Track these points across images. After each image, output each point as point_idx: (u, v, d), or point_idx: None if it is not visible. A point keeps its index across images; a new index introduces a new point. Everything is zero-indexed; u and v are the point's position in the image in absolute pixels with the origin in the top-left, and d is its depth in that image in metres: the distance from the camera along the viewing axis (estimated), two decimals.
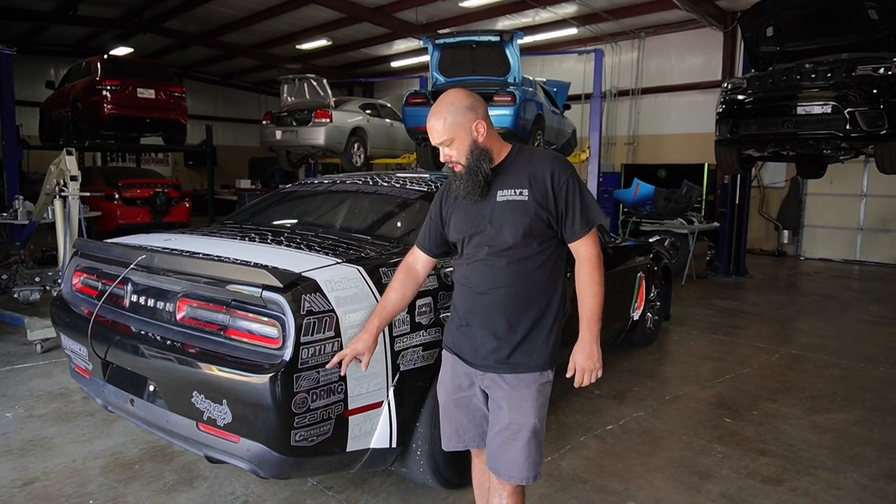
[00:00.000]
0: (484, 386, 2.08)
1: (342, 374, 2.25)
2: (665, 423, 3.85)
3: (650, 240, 6.31)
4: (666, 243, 8.91)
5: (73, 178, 5.44)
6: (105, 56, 11.37)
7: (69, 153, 5.49)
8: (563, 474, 3.12)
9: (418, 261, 2.25)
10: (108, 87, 10.10)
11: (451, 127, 1.96)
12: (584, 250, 2.01)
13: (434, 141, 2.00)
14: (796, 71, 6.57)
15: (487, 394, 2.09)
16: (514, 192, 1.98)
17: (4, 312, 5.70)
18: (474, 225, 2.02)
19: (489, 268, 2.00)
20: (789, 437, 3.67)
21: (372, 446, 2.47)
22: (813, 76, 6.40)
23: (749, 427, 3.81)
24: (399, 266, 2.27)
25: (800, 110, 6.47)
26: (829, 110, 6.25)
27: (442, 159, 2.02)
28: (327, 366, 2.22)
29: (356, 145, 10.45)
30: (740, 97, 7.09)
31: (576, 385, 2.04)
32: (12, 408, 3.86)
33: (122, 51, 16.38)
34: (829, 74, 6.29)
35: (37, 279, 6.13)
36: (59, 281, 5.23)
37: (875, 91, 5.96)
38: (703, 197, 11.63)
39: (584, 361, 2.01)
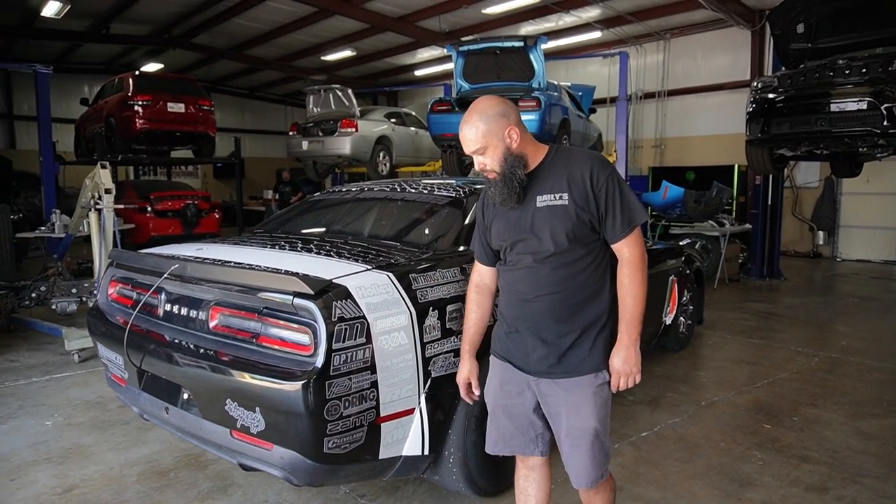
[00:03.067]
0: (539, 393, 2.05)
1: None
2: (702, 429, 3.76)
3: (681, 243, 6.20)
4: (697, 246, 8.76)
5: (108, 191, 5.57)
6: (136, 72, 11.66)
7: (103, 167, 5.62)
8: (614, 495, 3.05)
9: (484, 276, 2.21)
10: (140, 103, 10.33)
11: (484, 135, 1.92)
12: (627, 251, 1.97)
13: (467, 150, 1.97)
14: (829, 67, 6.41)
15: (541, 400, 2.06)
16: (554, 196, 1.95)
17: (43, 323, 5.86)
18: (515, 232, 2.00)
19: (534, 275, 1.98)
20: (833, 443, 3.55)
21: (404, 453, 2.45)
22: (847, 72, 6.23)
23: (790, 433, 3.69)
24: (469, 287, 2.24)
25: (834, 107, 6.31)
26: (864, 106, 6.08)
27: (476, 168, 2.00)
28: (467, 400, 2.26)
29: (382, 154, 10.52)
30: (771, 96, 6.94)
31: (612, 390, 2.01)
32: (52, 416, 3.94)
33: (152, 67, 16.78)
34: (863, 70, 6.13)
35: (73, 291, 6.28)
36: (95, 292, 5.35)
37: None
38: (734, 198, 11.41)
39: (621, 365, 1.97)
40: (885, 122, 5.98)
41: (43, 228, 7.22)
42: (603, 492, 2.10)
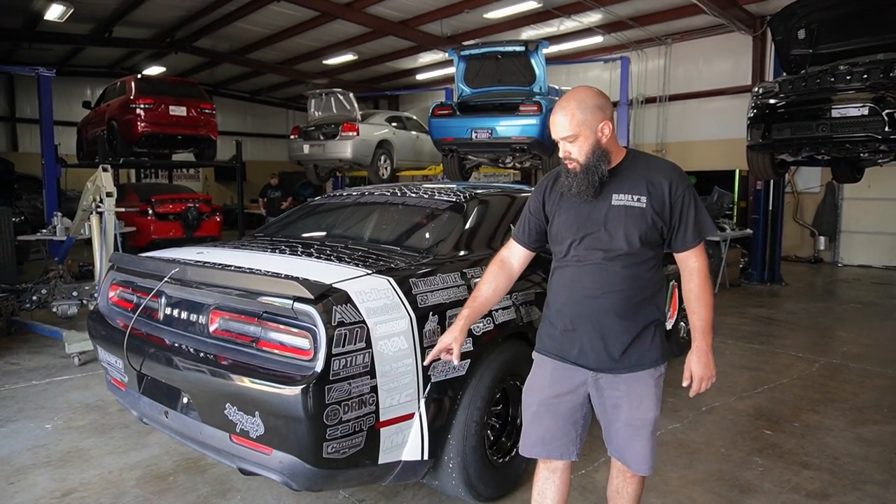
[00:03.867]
0: (597, 388, 2.09)
1: (426, 364, 2.30)
2: (702, 434, 3.75)
3: None
4: None
5: (109, 195, 5.58)
6: (138, 76, 11.69)
7: (105, 170, 5.63)
8: (599, 487, 3.05)
9: (514, 254, 2.22)
10: (142, 106, 10.36)
11: (579, 124, 1.94)
12: (694, 262, 2.05)
13: (557, 135, 1.98)
14: (830, 73, 6.40)
15: (596, 395, 2.10)
16: (632, 197, 1.98)
17: (44, 326, 5.85)
18: (586, 226, 2.01)
19: (604, 271, 2.00)
20: (834, 449, 3.54)
21: (403, 458, 2.45)
22: (848, 78, 6.23)
23: (790, 439, 3.68)
24: (493, 259, 2.24)
25: (835, 113, 6.30)
26: (865, 112, 6.07)
27: (560, 154, 2.01)
28: (424, 363, 2.27)
29: (383, 158, 10.53)
30: (772, 101, 6.94)
31: (692, 393, 2.10)
32: (51, 419, 3.94)
33: (154, 70, 16.83)
34: (865, 76, 6.12)
35: (74, 293, 6.28)
36: (96, 295, 5.35)
37: None
38: (735, 203, 11.41)
39: (703, 370, 2.06)
40: (886, 128, 5.96)
41: (44, 231, 7.22)
42: (641, 480, 2.21)
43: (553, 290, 2.13)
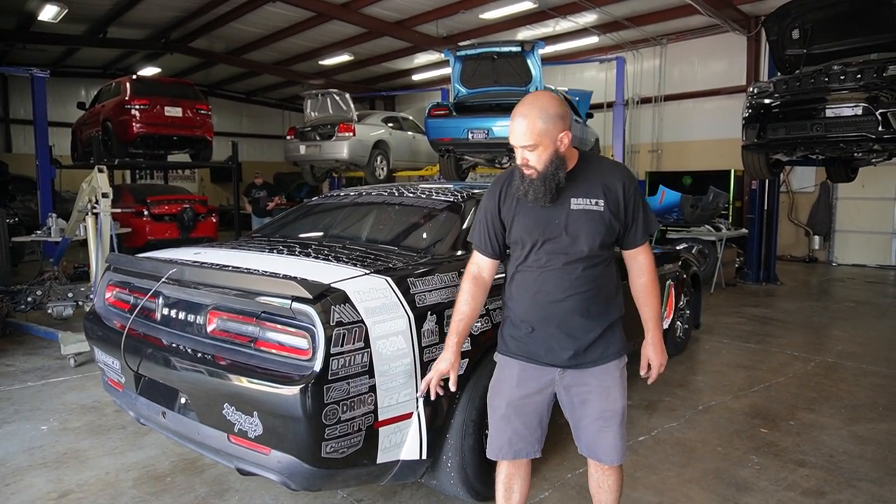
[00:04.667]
0: (563, 385, 2.13)
1: (433, 397, 2.19)
2: (699, 433, 3.76)
3: (677, 247, 6.22)
4: (693, 251, 8.78)
5: (105, 195, 5.57)
6: (133, 76, 11.65)
7: (100, 171, 5.62)
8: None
9: (483, 267, 2.20)
10: (137, 107, 10.34)
11: (540, 134, 1.92)
12: (643, 258, 2.16)
13: (515, 142, 1.96)
14: (824, 73, 6.43)
15: (564, 392, 2.14)
16: (590, 201, 2.01)
17: (39, 328, 5.83)
18: (546, 231, 2.02)
19: (566, 275, 2.03)
20: (829, 447, 3.56)
21: (402, 458, 2.45)
22: (842, 78, 6.26)
23: (786, 438, 3.70)
24: (464, 277, 2.21)
25: (829, 113, 6.33)
26: (859, 112, 6.10)
27: (518, 162, 2.00)
28: (418, 393, 2.25)
29: (379, 158, 10.53)
30: (767, 101, 6.97)
31: (650, 381, 2.26)
32: (47, 421, 3.93)
33: (149, 71, 16.79)
34: (858, 76, 6.15)
35: (70, 295, 6.26)
36: (92, 296, 5.34)
37: None
38: (731, 203, 11.45)
39: (659, 357, 2.21)
40: (879, 128, 6.00)
41: (39, 232, 7.20)
42: (620, 471, 2.24)
43: (514, 295, 2.13)
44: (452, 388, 2.17)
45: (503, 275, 2.23)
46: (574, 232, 2.00)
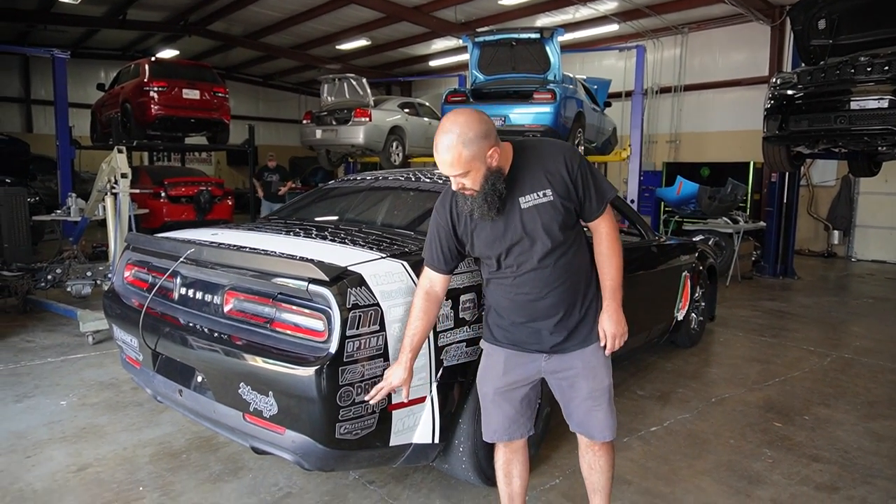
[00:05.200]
0: (550, 370, 2.16)
1: (370, 401, 2.22)
2: (711, 425, 3.75)
3: (694, 239, 6.16)
4: (710, 243, 8.70)
5: (124, 176, 5.62)
6: (152, 59, 11.69)
7: (119, 151, 5.66)
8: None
9: (435, 283, 2.21)
10: (156, 89, 10.38)
11: (467, 161, 1.87)
12: (604, 226, 2.11)
13: (446, 172, 1.92)
14: (850, 64, 6.30)
15: (552, 377, 2.18)
16: (537, 195, 2.00)
17: (58, 305, 5.93)
18: (507, 238, 2.03)
19: (541, 275, 2.04)
20: (844, 443, 3.53)
21: (415, 441, 2.47)
22: (868, 69, 6.13)
23: (801, 432, 3.67)
24: (416, 293, 2.23)
25: (854, 105, 6.21)
26: (885, 104, 5.98)
27: (454, 187, 1.99)
28: (366, 398, 2.22)
29: (395, 144, 10.51)
30: (790, 92, 6.85)
31: (607, 352, 2.14)
32: (66, 396, 4.00)
33: (168, 53, 16.86)
34: (885, 67, 6.02)
35: (88, 273, 6.35)
36: (110, 275, 5.41)
37: None
38: (749, 196, 11.31)
39: (614, 327, 2.12)
40: None
41: (59, 212, 7.28)
42: (611, 449, 2.26)
43: (494, 296, 2.16)
44: (405, 399, 2.27)
45: (460, 285, 2.38)
46: (532, 230, 1.99)
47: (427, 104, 12.02)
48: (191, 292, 2.70)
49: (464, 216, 2.09)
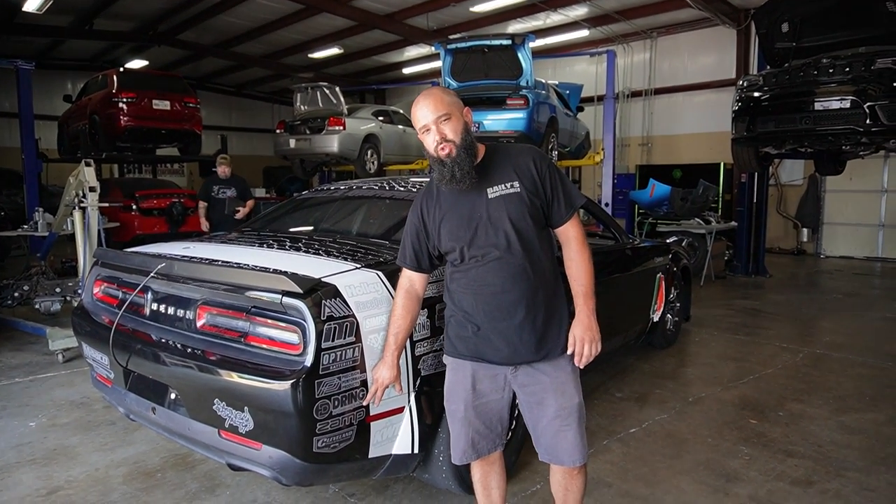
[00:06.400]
0: (517, 384, 2.11)
1: (376, 404, 2.27)
2: (689, 425, 3.79)
3: (667, 240, 6.24)
4: (683, 244, 8.82)
5: (92, 189, 5.50)
6: (121, 69, 11.50)
7: (87, 164, 5.55)
8: (588, 479, 3.06)
9: (414, 282, 2.23)
10: (125, 100, 10.22)
11: (449, 104, 2.01)
12: (573, 232, 2.11)
13: (430, 117, 1.98)
14: (813, 66, 6.48)
15: (520, 393, 2.12)
16: (505, 185, 2.04)
17: (26, 323, 5.78)
18: (471, 227, 2.04)
19: (505, 265, 2.02)
20: (817, 437, 3.60)
21: (394, 452, 2.45)
22: (831, 71, 6.31)
23: (775, 428, 3.73)
24: (397, 292, 2.24)
25: (818, 106, 6.38)
26: (847, 105, 6.16)
27: (434, 141, 1.99)
28: (364, 402, 2.24)
29: (369, 152, 10.48)
30: (756, 94, 7.01)
31: (577, 361, 2.07)
32: (35, 417, 3.89)
33: (137, 63, 16.58)
34: (847, 69, 6.20)
35: (57, 290, 6.21)
36: (80, 291, 5.29)
37: None
38: (720, 196, 11.51)
39: (584, 332, 2.06)
40: (867, 121, 6.06)
41: (25, 227, 7.11)
42: (584, 472, 2.20)
43: (457, 293, 2.12)
44: (398, 391, 2.28)
45: (436, 293, 2.34)
46: (497, 219, 2.01)
47: (401, 112, 12.02)
48: (162, 308, 2.65)
49: (433, 209, 2.12)
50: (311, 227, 3.59)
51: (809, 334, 6.26)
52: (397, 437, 2.44)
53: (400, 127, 11.33)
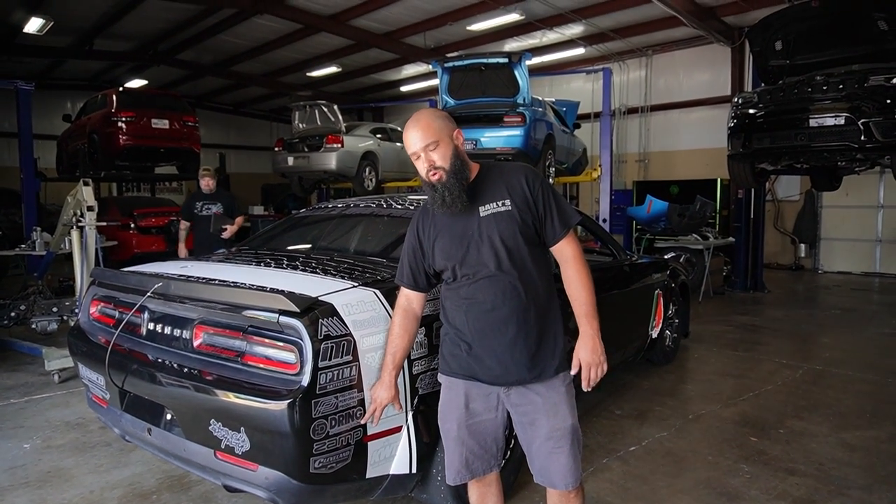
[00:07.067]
0: (510, 404, 2.09)
1: (374, 424, 2.26)
2: (689, 443, 3.76)
3: (665, 256, 6.25)
4: (681, 259, 8.83)
5: (90, 209, 5.51)
6: (120, 88, 11.57)
7: (85, 184, 5.56)
8: (587, 498, 3.02)
9: (412, 301, 2.23)
10: (124, 119, 10.28)
11: (437, 130, 2.00)
12: (569, 250, 2.09)
13: (419, 145, 1.99)
14: (807, 83, 6.54)
15: (514, 413, 2.10)
16: (497, 204, 2.04)
17: (22, 343, 5.75)
18: (463, 245, 2.04)
19: (498, 282, 2.02)
20: (818, 455, 3.57)
21: (392, 472, 2.43)
22: (825, 88, 6.36)
23: (776, 446, 3.71)
24: (395, 311, 2.24)
25: (812, 122, 6.43)
26: (842, 122, 6.20)
27: (425, 166, 2.01)
28: (362, 421, 2.23)
29: (367, 169, 10.52)
30: (752, 111, 7.06)
31: (584, 384, 2.04)
32: (30, 439, 3.85)
33: (136, 83, 16.68)
34: (840, 86, 6.25)
35: (54, 309, 6.18)
36: (76, 311, 5.26)
37: (889, 101, 5.91)
38: (717, 212, 11.55)
39: (590, 356, 2.02)
40: (862, 137, 6.10)
41: (23, 246, 7.11)
42: (581, 494, 2.14)
43: (450, 311, 2.13)
44: (397, 409, 2.29)
45: (433, 311, 2.32)
46: (489, 237, 2.01)
47: (399, 129, 12.07)
48: (159, 327, 2.64)
49: (428, 227, 2.12)
50: (308, 245, 3.59)
51: (809, 350, 6.24)
52: (395, 457, 2.42)
53: (398, 144, 11.37)
